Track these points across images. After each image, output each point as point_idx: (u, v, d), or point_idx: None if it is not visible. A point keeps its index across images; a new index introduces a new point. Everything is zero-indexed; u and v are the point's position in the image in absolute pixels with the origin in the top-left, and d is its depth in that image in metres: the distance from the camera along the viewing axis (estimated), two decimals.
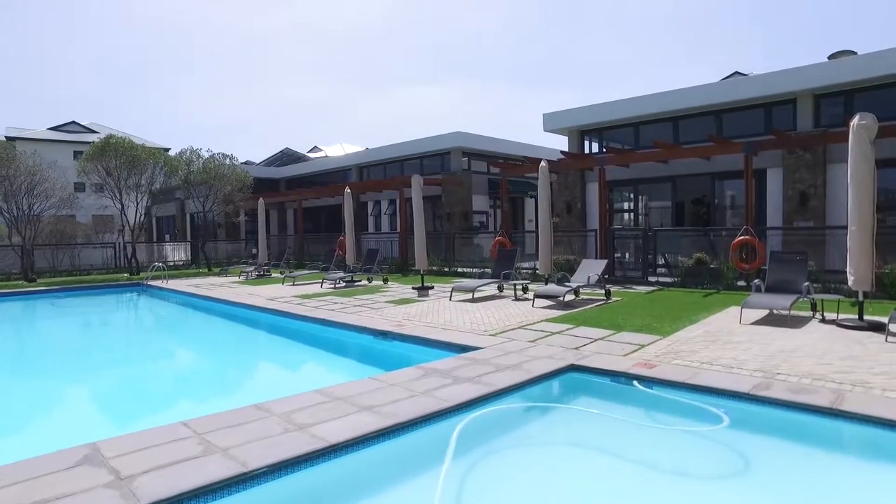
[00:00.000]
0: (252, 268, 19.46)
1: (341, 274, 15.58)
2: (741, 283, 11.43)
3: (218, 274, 20.70)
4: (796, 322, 7.71)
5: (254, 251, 24.28)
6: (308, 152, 38.06)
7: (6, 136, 39.63)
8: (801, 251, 8.80)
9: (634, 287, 12.47)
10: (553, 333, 7.60)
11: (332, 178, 27.97)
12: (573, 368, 5.97)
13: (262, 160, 35.37)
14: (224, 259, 25.88)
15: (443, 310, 10.09)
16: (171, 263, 24.41)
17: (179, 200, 31.82)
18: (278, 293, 13.73)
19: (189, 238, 26.29)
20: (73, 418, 6.16)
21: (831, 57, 14.75)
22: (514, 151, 22.24)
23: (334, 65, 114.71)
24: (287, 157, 33.44)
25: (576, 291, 10.99)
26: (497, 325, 8.41)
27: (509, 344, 7.06)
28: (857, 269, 7.08)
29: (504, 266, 12.05)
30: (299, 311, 10.57)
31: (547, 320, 8.60)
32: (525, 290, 11.78)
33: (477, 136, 21.90)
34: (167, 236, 36.64)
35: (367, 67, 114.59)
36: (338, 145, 39.60)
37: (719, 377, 5.24)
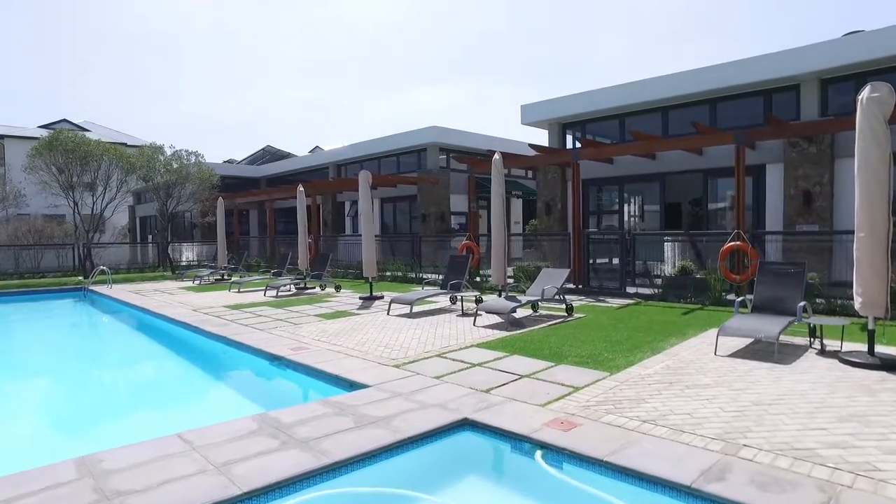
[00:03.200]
0: (208, 272, 18.00)
1: (288, 280, 14.06)
2: (731, 296, 9.71)
3: (175, 277, 19.28)
4: (787, 354, 6.00)
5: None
6: (309, 152, 36.66)
7: None
8: (797, 262, 7.08)
9: (608, 300, 10.77)
10: (473, 366, 5.98)
11: (311, 176, 26.52)
12: (466, 425, 4.35)
13: (243, 158, 34.07)
14: (195, 262, 24.53)
15: (370, 327, 8.52)
16: (136, 266, 23.10)
17: (164, 200, 30.56)
18: (213, 302, 12.24)
19: (162, 239, 24.89)
20: None
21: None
22: (499, 148, 20.54)
23: (340, 65, 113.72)
24: (269, 154, 32.08)
25: (534, 306, 9.37)
26: (415, 350, 6.81)
27: (407, 381, 5.46)
28: (865, 288, 5.37)
29: (454, 275, 10.42)
30: (206, 327, 9.03)
31: (478, 345, 6.97)
32: (478, 302, 10.14)
33: (456, 132, 20.28)
34: (150, 237, 35.50)
35: (373, 68, 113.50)
36: (339, 145, 38.08)
37: (657, 452, 3.59)
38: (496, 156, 9.49)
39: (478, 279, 13.87)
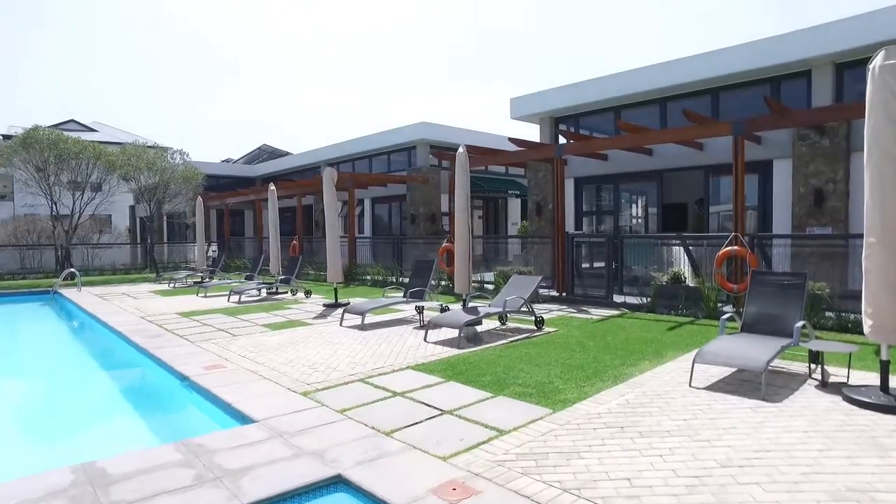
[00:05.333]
0: (185, 274, 17.25)
1: (254, 285, 13.21)
2: (728, 308, 8.54)
3: (155, 280, 18.59)
4: (778, 387, 4.87)
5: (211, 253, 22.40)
6: None
7: (2, 135, 38.87)
8: (796, 272, 5.95)
9: (591, 311, 9.65)
10: (395, 395, 4.98)
11: (305, 175, 25.73)
12: (340, 485, 3.36)
13: (239, 157, 33.49)
14: (183, 263, 23.92)
15: (312, 341, 7.57)
16: (123, 267, 22.54)
17: (157, 200, 30.06)
18: (169, 308, 11.42)
19: (148, 240, 24.26)
20: None
21: None
22: (492, 145, 19.49)
23: (347, 63, 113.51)
24: (265, 153, 31.43)
25: (501, 317, 8.32)
26: (341, 372, 5.83)
27: (304, 415, 4.49)
28: (876, 308, 4.23)
29: (418, 281, 9.40)
30: (135, 338, 8.15)
31: (415, 367, 5.96)
32: (443, 311, 9.11)
33: (445, 128, 19.25)
34: (149, 237, 35.12)
35: (380, 66, 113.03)
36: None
37: None
38: (460, 149, 8.48)
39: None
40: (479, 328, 8.07)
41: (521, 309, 7.83)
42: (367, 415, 4.46)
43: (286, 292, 13.67)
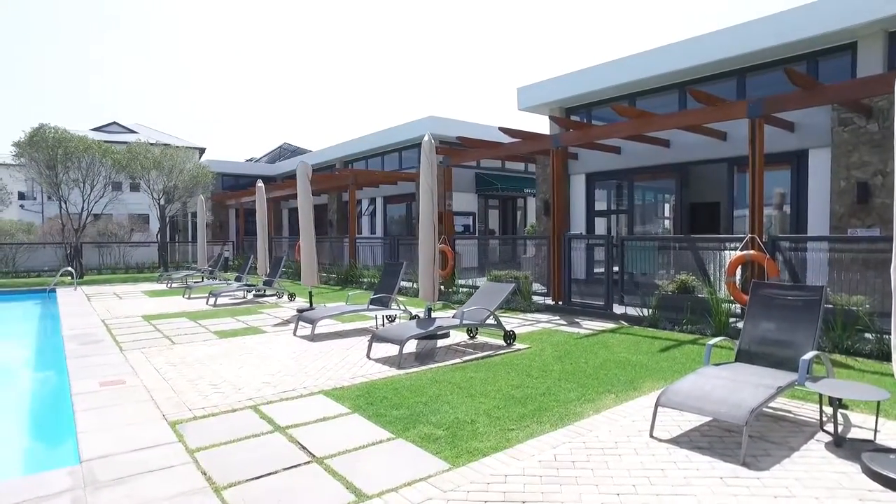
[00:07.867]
0: (182, 274, 16.86)
1: (235, 287, 12.59)
2: (742, 324, 7.12)
3: (157, 279, 18.36)
4: (771, 444, 3.57)
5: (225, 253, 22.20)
6: None
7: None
8: (809, 286, 4.59)
9: (584, 324, 8.37)
10: (274, 430, 4.00)
11: (319, 173, 25.20)
12: None
13: (262, 156, 33.42)
14: (194, 264, 23.84)
15: (247, 352, 6.73)
16: (135, 266, 22.57)
17: (170, 199, 30.28)
18: (140, 309, 10.90)
19: (159, 240, 24.25)
20: None
21: None
22: (503, 139, 18.25)
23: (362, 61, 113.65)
24: (286, 152, 31.21)
25: (470, 330, 7.22)
26: (243, 394, 4.93)
27: (148, 454, 3.61)
28: None
29: (384, 287, 8.38)
30: (70, 344, 7.53)
31: (328, 392, 4.95)
32: (412, 318, 8.06)
33: (453, 122, 18.12)
34: (176, 236, 35.60)
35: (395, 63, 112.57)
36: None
37: None
38: (425, 137, 7.42)
39: (450, 289, 11.78)
40: (441, 342, 7.00)
41: (488, 322, 6.69)
42: (220, 458, 3.50)
43: (272, 294, 13.03)
